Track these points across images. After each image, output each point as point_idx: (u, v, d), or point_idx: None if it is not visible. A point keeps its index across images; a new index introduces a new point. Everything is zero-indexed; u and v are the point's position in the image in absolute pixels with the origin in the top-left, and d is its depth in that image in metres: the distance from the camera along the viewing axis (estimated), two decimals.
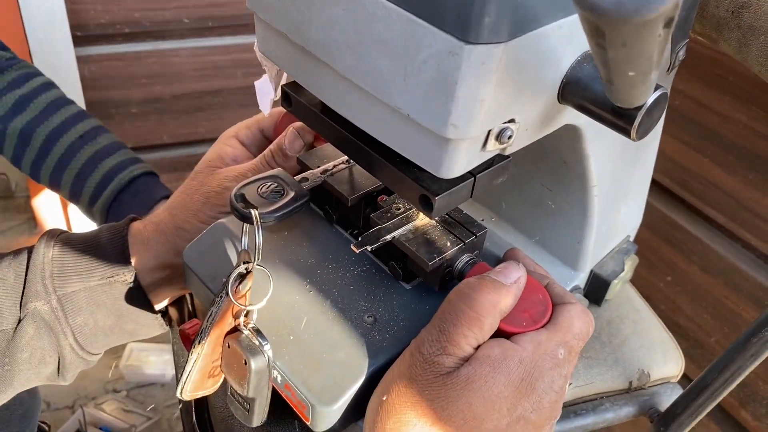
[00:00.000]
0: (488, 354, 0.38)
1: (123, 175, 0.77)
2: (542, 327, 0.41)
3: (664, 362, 0.59)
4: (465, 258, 0.46)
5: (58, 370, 0.56)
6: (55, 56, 1.23)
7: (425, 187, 0.38)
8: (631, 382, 0.57)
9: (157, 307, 0.58)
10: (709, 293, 0.87)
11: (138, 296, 0.56)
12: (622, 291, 0.64)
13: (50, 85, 0.82)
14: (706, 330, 0.88)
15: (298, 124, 0.58)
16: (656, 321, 0.62)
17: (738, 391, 0.82)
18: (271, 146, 0.58)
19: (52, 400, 1.48)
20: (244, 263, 0.44)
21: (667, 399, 0.58)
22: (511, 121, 0.35)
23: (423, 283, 0.48)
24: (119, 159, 0.78)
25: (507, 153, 0.37)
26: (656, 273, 0.94)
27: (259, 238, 0.44)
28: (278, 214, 0.46)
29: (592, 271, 0.58)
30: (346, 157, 0.52)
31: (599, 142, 0.46)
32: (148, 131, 1.40)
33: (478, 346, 0.39)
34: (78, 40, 1.25)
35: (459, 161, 0.35)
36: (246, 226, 0.45)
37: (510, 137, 0.35)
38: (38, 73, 0.83)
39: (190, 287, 0.53)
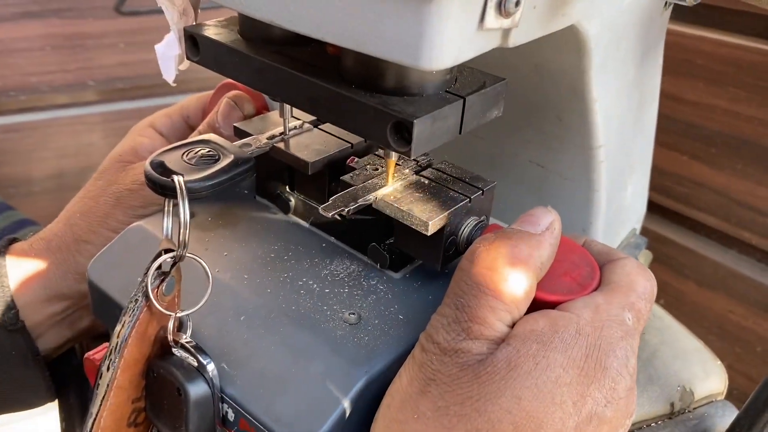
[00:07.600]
0: (532, 328, 0.26)
1: None
2: (593, 291, 0.29)
3: (705, 376, 0.49)
4: (472, 221, 0.34)
5: None
6: None
7: (397, 112, 0.27)
8: (672, 404, 0.46)
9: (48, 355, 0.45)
10: (711, 310, 0.77)
11: (19, 344, 0.42)
12: None
13: None
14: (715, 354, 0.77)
15: (234, 93, 0.47)
16: (682, 328, 0.52)
17: None
18: (200, 126, 0.48)
19: None
20: (166, 252, 0.31)
21: (720, 421, 0.46)
22: None
23: (417, 270, 0.37)
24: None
25: (511, 43, 0.26)
26: None
27: (186, 214, 0.31)
28: (213, 182, 0.34)
29: None
30: (299, 122, 0.40)
31: (605, 78, 0.37)
32: (53, 212, 1.24)
33: (513, 324, 0.26)
34: None
35: (447, 41, 0.23)
36: (169, 204, 0.32)
37: (517, 4, 0.24)
38: None
39: (98, 314, 0.41)
